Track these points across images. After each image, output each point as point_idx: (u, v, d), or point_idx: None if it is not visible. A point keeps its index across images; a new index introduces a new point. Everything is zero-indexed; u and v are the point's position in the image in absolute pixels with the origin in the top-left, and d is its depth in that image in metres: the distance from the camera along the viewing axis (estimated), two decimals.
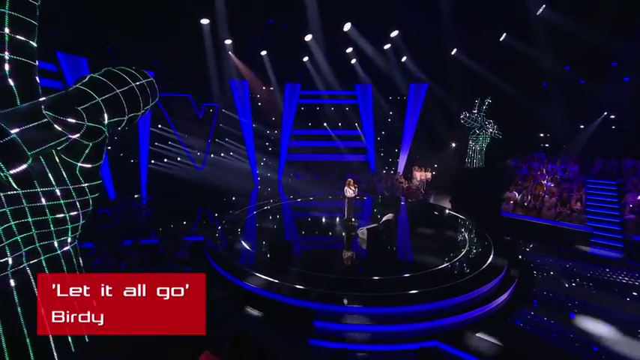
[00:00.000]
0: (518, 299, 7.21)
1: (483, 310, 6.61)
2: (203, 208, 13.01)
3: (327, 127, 20.57)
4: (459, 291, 6.68)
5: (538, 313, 6.67)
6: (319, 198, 14.42)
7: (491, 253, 8.42)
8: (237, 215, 11.56)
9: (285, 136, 20.06)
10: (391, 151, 20.90)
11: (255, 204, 13.87)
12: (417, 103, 19.22)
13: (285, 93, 19.59)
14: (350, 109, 20.59)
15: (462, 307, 6.44)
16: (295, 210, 13.15)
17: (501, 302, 6.95)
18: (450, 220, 12.06)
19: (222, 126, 18.35)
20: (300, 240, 9.45)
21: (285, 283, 6.66)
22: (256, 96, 19.48)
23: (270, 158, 20.25)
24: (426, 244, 9.11)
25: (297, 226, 10.92)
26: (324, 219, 11.55)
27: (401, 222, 11.17)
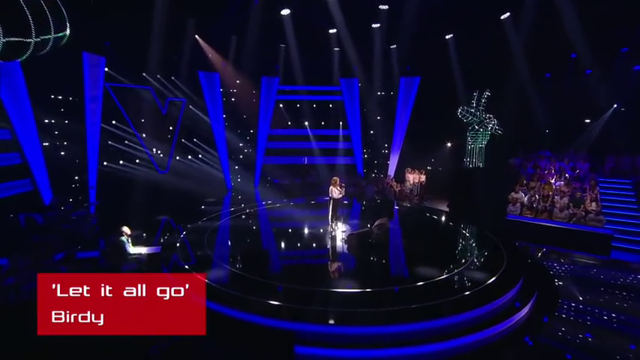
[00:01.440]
0: (542, 312, 6.71)
1: (504, 327, 6.03)
2: (164, 215, 12.35)
3: (308, 126, 20.12)
4: (472, 304, 6.13)
5: (572, 329, 6.09)
6: (300, 206, 14.10)
7: (503, 260, 8.11)
8: (205, 223, 11.15)
9: (262, 136, 19.41)
10: (381, 152, 20.63)
11: (226, 210, 13.47)
12: (408, 98, 18.89)
13: (262, 88, 18.91)
14: (334, 106, 20.26)
15: (477, 323, 5.89)
16: (273, 217, 12.91)
17: (523, 317, 6.45)
18: (450, 225, 11.92)
19: (189, 124, 17.36)
20: (277, 249, 9.15)
21: (260, 300, 6.03)
22: (229, 90, 18.78)
23: (244, 161, 19.71)
24: (425, 252, 8.82)
25: (274, 234, 10.64)
26: (306, 225, 11.20)
27: (395, 227, 11.09)
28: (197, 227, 10.60)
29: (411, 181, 17.39)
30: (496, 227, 10.93)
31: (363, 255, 8.62)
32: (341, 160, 20.06)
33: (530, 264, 9.01)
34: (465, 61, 16.34)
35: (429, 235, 10.75)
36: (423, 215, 13.59)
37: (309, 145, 20.07)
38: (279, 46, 17.90)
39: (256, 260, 7.49)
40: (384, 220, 9.55)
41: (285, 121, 19.96)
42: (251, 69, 17.65)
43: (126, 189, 14.20)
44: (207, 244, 9.00)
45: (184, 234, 9.99)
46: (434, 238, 10.53)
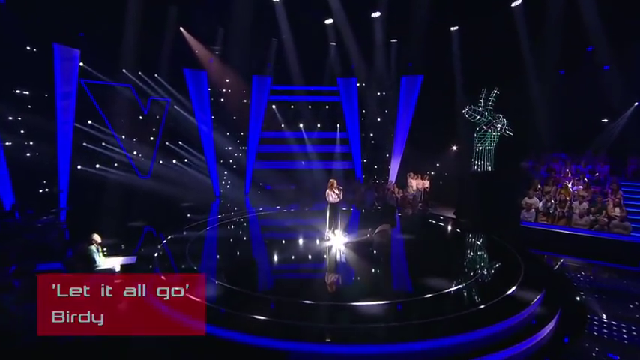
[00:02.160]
0: (568, 330, 6.19)
1: (523, 347, 5.54)
2: (144, 224, 12.04)
3: (303, 129, 19.91)
4: (485, 321, 5.71)
5: (602, 349, 5.59)
6: (294, 214, 14.00)
7: (520, 270, 7.78)
8: (189, 232, 10.92)
9: (253, 139, 19.17)
10: (381, 156, 20.36)
11: (213, 218, 13.36)
12: (410, 98, 18.63)
13: (253, 87, 18.62)
14: (331, 107, 20.06)
15: (491, 342, 5.47)
16: (264, 226, 12.75)
17: (546, 335, 5.95)
18: (457, 233, 11.73)
19: (173, 126, 17.08)
20: (268, 260, 8.89)
21: (248, 315, 5.68)
22: (217, 90, 18.46)
23: (234, 166, 19.49)
24: (431, 262, 8.66)
25: (265, 244, 10.48)
26: (300, 234, 10.97)
27: (397, 236, 11.01)
28: (179, 236, 10.33)
29: (414, 187, 17.07)
30: (509, 235, 10.69)
31: (363, 265, 8.40)
32: (338, 164, 19.85)
33: (551, 275, 8.59)
34: (471, 57, 15.94)
35: (435, 244, 10.58)
36: (427, 223, 13.40)
37: (304, 149, 19.88)
38: (271, 39, 17.59)
39: (244, 272, 7.37)
40: (385, 227, 9.47)
41: (278, 123, 19.76)
42: (241, 66, 17.45)
43: (102, 195, 13.68)
44: (189, 254, 8.65)
45: (165, 243, 9.68)
46: (440, 247, 10.35)
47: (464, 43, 16.60)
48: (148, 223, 12.00)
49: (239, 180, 19.11)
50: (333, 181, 10.13)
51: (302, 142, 19.93)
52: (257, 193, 18.91)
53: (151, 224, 11.88)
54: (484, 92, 14.86)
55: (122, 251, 8.89)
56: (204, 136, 17.88)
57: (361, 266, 8.39)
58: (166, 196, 15.23)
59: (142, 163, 16.17)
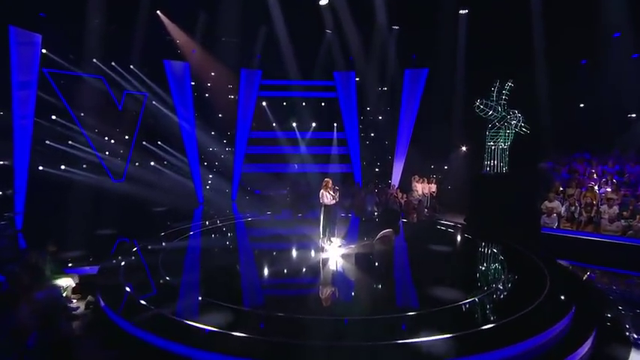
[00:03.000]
0: (609, 348, 5.72)
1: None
2: (114, 232, 11.68)
3: (296, 128, 19.87)
4: (504, 340, 5.31)
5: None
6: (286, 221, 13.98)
7: (545, 282, 7.43)
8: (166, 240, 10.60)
9: (241, 139, 18.91)
10: (382, 158, 20.40)
11: (196, 224, 13.29)
12: (414, 93, 18.37)
13: (241, 82, 18.44)
14: (327, 104, 19.96)
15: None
16: (252, 235, 12.53)
17: (585, 354, 5.53)
18: (469, 240, 11.69)
19: (152, 123, 16.82)
20: (254, 271, 8.64)
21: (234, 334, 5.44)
22: (201, 84, 18.43)
23: (220, 168, 19.39)
24: (440, 271, 8.48)
25: (251, 253, 10.39)
26: (292, 242, 10.86)
27: (401, 243, 11.03)
28: (153, 245, 10.05)
29: (420, 191, 16.62)
30: (528, 242, 10.35)
31: (361, 277, 8.23)
32: (335, 167, 19.65)
33: (581, 288, 8.03)
34: (481, 46, 15.49)
35: (444, 253, 10.29)
36: (435, 230, 13.22)
37: (297, 151, 19.84)
38: (261, 28, 17.18)
39: (222, 287, 7.13)
40: (388, 233, 9.41)
41: (268, 121, 19.68)
42: (228, 58, 17.29)
43: (68, 199, 13.11)
44: (163, 266, 8.30)
45: (136, 252, 9.44)
46: (450, 256, 10.09)
47: (473, 30, 16.27)
48: (119, 231, 11.63)
49: (225, 184, 18.96)
50: (328, 180, 9.91)
51: (295, 143, 19.84)
52: (245, 198, 18.68)
53: (122, 232, 11.46)
54: (497, 85, 14.18)
55: (83, 262, 8.67)
56: (187, 136, 17.60)
57: (360, 278, 8.20)
58: (143, 201, 14.93)
59: (115, 165, 15.75)
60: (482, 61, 15.65)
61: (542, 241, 10.89)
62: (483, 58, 15.56)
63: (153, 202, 15.14)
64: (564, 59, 14.52)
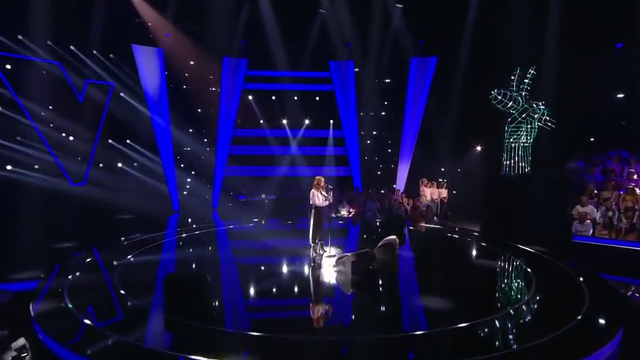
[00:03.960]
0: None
1: None
2: (67, 243, 11.32)
3: (287, 125, 19.88)
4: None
5: None
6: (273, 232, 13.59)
7: (582, 298, 7.09)
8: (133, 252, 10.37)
9: (224, 138, 18.94)
10: (385, 159, 20.62)
11: (170, 232, 13.51)
12: (421, 85, 18.33)
13: (223, 72, 18.41)
14: (322, 99, 19.96)
15: None
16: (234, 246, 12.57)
17: None
18: (487, 251, 11.51)
19: (119, 118, 16.53)
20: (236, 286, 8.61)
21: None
22: (178, 74, 18.26)
23: (199, 171, 19.50)
24: (454, 285, 8.22)
25: (233, 266, 10.33)
26: (279, 253, 10.80)
27: (406, 253, 11.00)
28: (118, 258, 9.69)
29: (428, 196, 16.59)
30: (557, 253, 10.23)
31: (359, 291, 8.08)
32: (332, 170, 19.45)
33: (627, 306, 7.73)
34: (499, 27, 15.05)
35: (457, 264, 10.20)
36: (446, 238, 13.35)
37: (287, 151, 19.78)
38: (244, 3, 16.97)
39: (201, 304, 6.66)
40: (391, 240, 9.31)
41: (255, 118, 19.68)
42: (208, 44, 17.04)
43: (12, 205, 12.67)
44: (120, 282, 7.93)
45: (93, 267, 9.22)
46: (465, 267, 10.02)
47: (489, 9, 15.88)
48: (76, 242, 11.31)
49: (205, 189, 18.93)
50: (320, 179, 9.90)
51: (285, 142, 19.85)
52: (228, 205, 18.62)
53: (80, 244, 11.15)
54: (517, 72, 13.88)
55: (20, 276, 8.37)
56: (160, 133, 17.45)
57: (357, 294, 8.01)
58: (107, 208, 14.60)
59: (74, 166, 15.42)
60: (500, 46, 15.32)
61: (575, 252, 10.56)
62: (501, 43, 15.24)
63: (119, 209, 14.95)
64: (596, 42, 14.30)
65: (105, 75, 16.01)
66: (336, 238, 11.60)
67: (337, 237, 12.03)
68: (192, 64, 18.19)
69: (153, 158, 17.53)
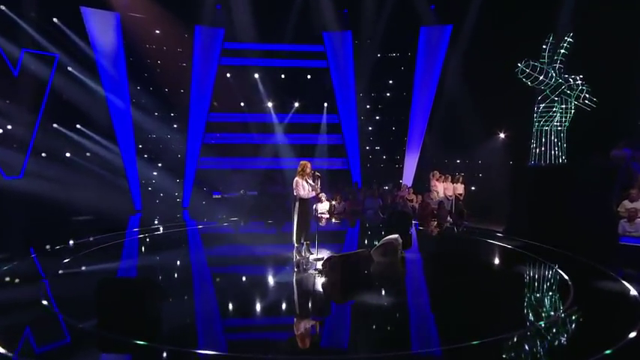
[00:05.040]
0: None
1: None
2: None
3: (272, 109, 19.88)
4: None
5: None
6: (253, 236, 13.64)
7: (636, 314, 6.76)
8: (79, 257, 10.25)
9: (196, 123, 18.89)
10: (389, 149, 20.60)
11: (131, 233, 13.61)
12: (432, 61, 18.35)
13: (195, 44, 18.26)
14: (315, 77, 20.10)
15: None
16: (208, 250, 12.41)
17: None
18: (513, 255, 11.22)
19: (66, 98, 16.17)
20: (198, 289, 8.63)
21: None
22: (139, 46, 17.96)
23: (167, 163, 19.33)
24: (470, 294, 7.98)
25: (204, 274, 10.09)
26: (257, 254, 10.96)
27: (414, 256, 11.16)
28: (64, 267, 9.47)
29: (441, 192, 16.62)
30: (600, 257, 9.85)
31: (351, 300, 7.81)
32: (326, 162, 19.85)
33: None
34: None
35: (475, 269, 9.98)
36: (462, 240, 13.43)
37: (272, 139, 19.89)
38: None
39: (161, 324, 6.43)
40: (392, 240, 9.22)
41: (234, 99, 19.67)
42: (176, 9, 16.87)
43: None
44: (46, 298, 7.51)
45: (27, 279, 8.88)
46: (483, 273, 9.78)
47: None
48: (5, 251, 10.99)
49: (174, 184, 18.94)
50: (306, 164, 9.72)
51: (270, 129, 19.86)
52: (201, 203, 18.74)
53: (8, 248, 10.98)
54: (549, 40, 13.74)
55: None
56: (118, 117, 17.24)
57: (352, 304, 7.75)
58: (50, 206, 14.43)
59: (9, 155, 15.23)
60: (528, 9, 15.38)
61: (622, 256, 10.60)
62: (531, 5, 15.34)
63: (66, 208, 14.87)
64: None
65: (47, 44, 15.65)
66: (328, 238, 11.44)
67: (329, 238, 11.99)
68: (158, 33, 18.01)
69: (109, 147, 17.29)
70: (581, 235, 10.96)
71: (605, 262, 9.58)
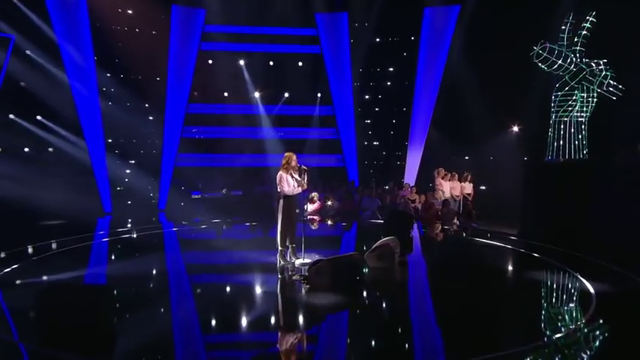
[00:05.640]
0: None
1: None
2: None
3: (259, 99, 19.89)
4: None
5: None
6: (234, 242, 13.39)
7: None
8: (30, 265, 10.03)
9: (174, 115, 18.75)
10: (390, 145, 20.86)
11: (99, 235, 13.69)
12: (438, 46, 18.27)
13: (172, 26, 18.13)
14: (306, 64, 20.12)
15: None
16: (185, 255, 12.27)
17: None
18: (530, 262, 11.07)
19: (25, 85, 16.39)
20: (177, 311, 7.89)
21: None
22: (108, 27, 17.84)
23: (141, 160, 19.42)
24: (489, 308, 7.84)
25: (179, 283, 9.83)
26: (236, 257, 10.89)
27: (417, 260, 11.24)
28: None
29: (447, 191, 16.59)
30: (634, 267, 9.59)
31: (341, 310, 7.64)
32: (319, 159, 19.99)
33: None
34: None
35: (483, 277, 9.70)
36: (470, 245, 13.21)
37: (259, 134, 19.92)
38: None
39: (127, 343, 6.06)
40: (388, 242, 9.29)
41: (216, 89, 19.77)
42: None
43: None
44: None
45: None
46: (493, 280, 9.56)
47: None
48: None
49: (149, 183, 18.91)
50: (291, 156, 9.46)
51: (256, 122, 19.83)
52: (180, 204, 18.60)
53: None
54: (569, 20, 13.65)
55: None
56: (84, 107, 17.01)
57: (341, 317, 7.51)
58: (4, 208, 14.28)
59: None
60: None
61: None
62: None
63: (24, 208, 14.59)
64: None
65: (1, 24, 15.58)
66: (317, 242, 11.33)
67: (319, 242, 11.87)
68: (130, 13, 17.93)
69: (75, 142, 17.14)
70: (605, 239, 10.86)
71: (632, 269, 9.41)
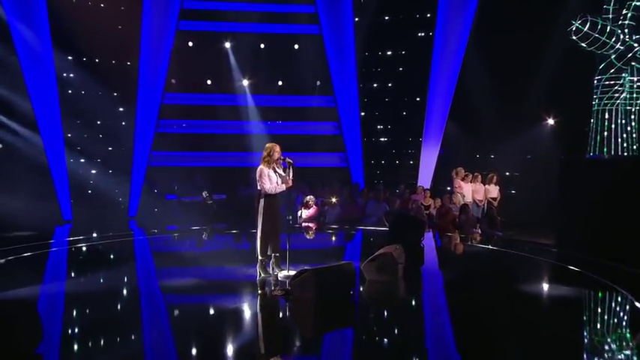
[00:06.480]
0: None
1: None
2: None
3: (247, 89, 19.92)
4: None
5: None
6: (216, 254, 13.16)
7: None
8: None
9: (147, 107, 18.63)
10: (401, 142, 20.85)
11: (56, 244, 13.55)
12: (456, 26, 18.12)
13: (145, 3, 18.09)
14: (303, 48, 20.10)
15: None
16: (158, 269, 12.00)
17: None
18: (569, 277, 10.69)
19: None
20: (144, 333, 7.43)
21: None
22: (67, 3, 17.47)
23: (108, 159, 19.41)
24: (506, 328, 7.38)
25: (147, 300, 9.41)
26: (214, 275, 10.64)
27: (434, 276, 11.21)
28: None
29: (468, 195, 16.28)
30: None
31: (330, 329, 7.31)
32: (318, 158, 20.15)
33: None
34: None
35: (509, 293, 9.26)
36: (495, 257, 12.90)
37: (247, 128, 19.84)
38: None
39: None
40: (392, 250, 8.93)
41: (198, 76, 19.99)
42: None
43: None
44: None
45: None
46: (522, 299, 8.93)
47: None
48: None
49: (118, 186, 18.88)
50: (273, 147, 9.02)
51: (244, 115, 19.79)
52: (153, 209, 18.66)
53: None
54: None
55: None
56: (39, 97, 16.94)
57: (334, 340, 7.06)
58: None
59: None
60: None
61: None
62: None
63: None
64: None
65: None
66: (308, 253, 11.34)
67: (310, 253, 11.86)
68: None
69: (28, 137, 17.06)
70: None
71: None
